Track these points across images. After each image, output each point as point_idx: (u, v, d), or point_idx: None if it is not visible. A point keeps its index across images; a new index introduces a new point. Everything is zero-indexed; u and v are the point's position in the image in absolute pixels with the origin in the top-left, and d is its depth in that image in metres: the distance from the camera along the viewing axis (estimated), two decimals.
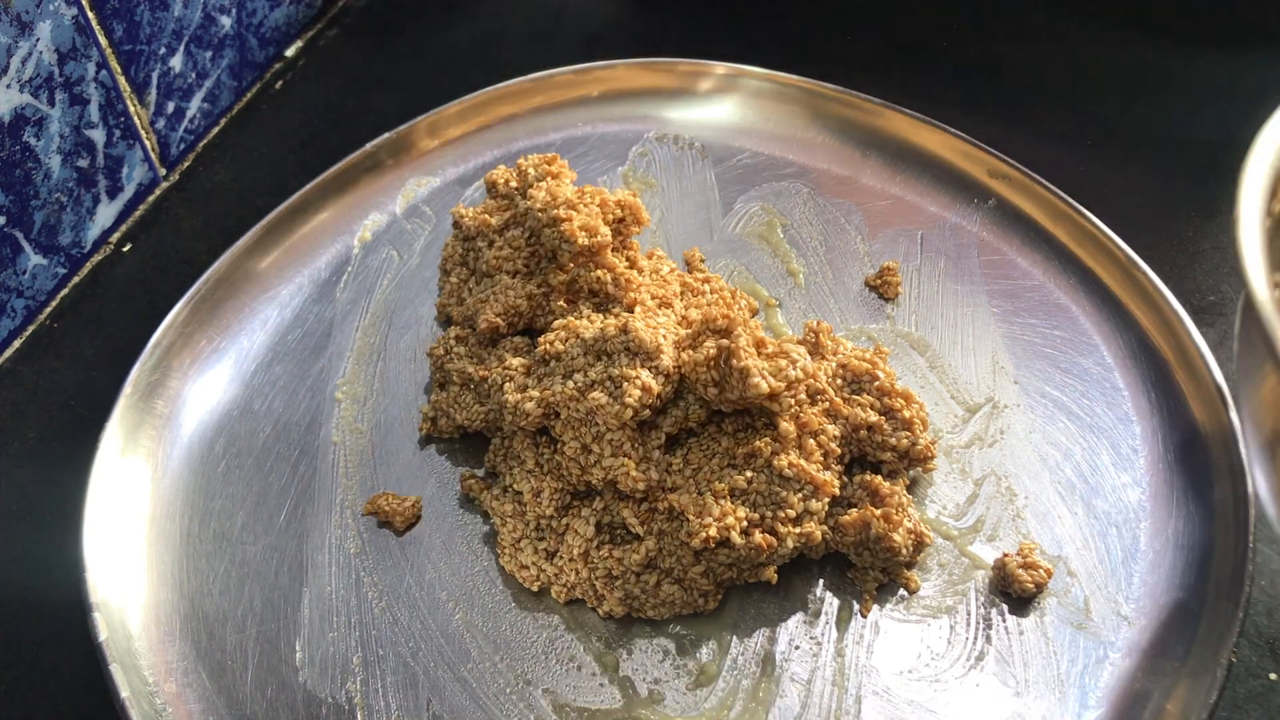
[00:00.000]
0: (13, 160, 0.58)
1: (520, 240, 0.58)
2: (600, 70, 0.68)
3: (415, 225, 0.64)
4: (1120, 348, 0.55)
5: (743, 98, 0.67)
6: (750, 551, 0.47)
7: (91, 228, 0.65)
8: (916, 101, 0.64)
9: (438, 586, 0.50)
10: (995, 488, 0.52)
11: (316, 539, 0.52)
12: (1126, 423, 0.53)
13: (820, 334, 0.53)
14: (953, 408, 0.54)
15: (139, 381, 0.56)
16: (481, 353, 0.56)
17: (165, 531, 0.52)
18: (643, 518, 0.49)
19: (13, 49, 0.56)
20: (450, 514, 0.53)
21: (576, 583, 0.49)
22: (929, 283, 0.59)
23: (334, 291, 0.61)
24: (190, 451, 0.55)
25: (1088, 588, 0.48)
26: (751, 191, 0.64)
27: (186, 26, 0.67)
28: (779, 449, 0.48)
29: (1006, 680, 0.46)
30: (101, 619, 0.48)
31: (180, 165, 0.71)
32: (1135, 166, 0.66)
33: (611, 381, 0.49)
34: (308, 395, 0.57)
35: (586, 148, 0.67)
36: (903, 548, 0.47)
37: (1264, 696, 0.47)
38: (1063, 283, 0.58)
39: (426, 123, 0.67)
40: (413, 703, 0.47)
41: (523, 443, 0.52)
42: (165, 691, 0.48)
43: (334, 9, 0.80)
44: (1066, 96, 0.69)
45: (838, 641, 0.48)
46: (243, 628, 0.50)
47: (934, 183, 0.62)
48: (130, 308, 0.64)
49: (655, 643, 0.48)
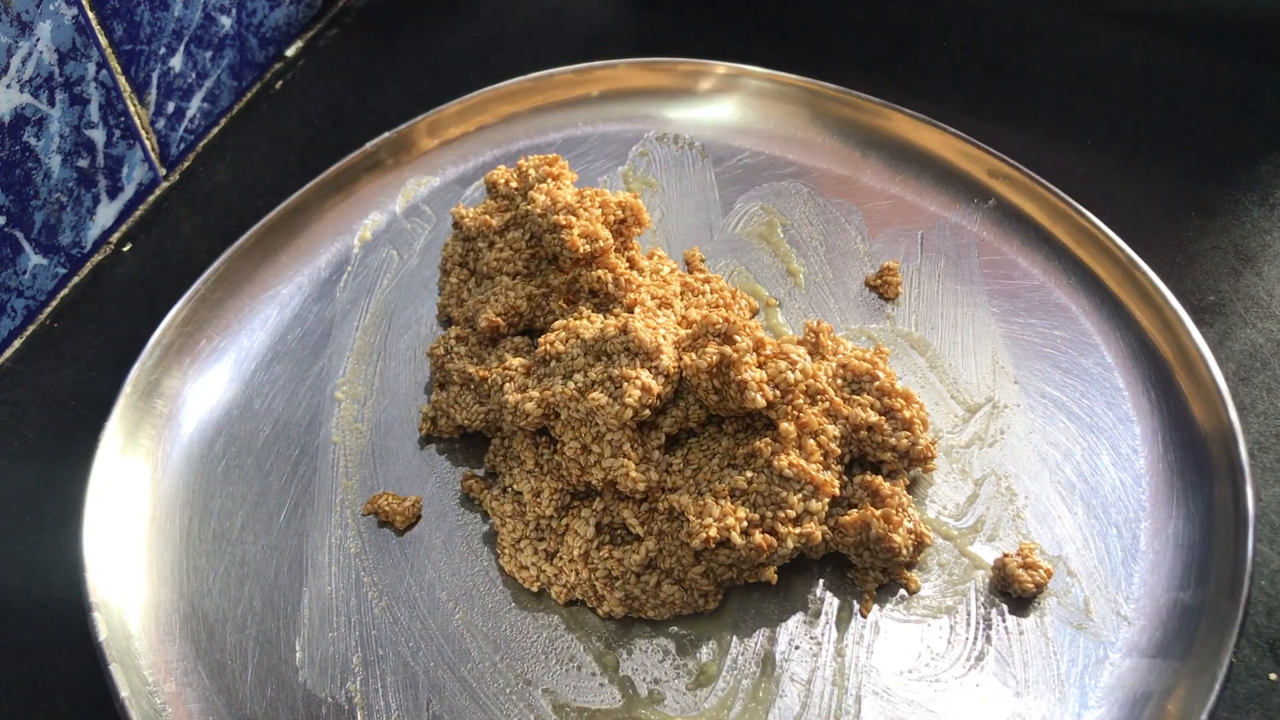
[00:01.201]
0: (13, 160, 0.58)
1: (521, 242, 0.58)
2: (600, 70, 0.68)
3: (415, 225, 0.64)
4: (1120, 348, 0.55)
5: (743, 98, 0.67)
6: (750, 552, 0.47)
7: (91, 228, 0.65)
8: (916, 101, 0.64)
9: (438, 586, 0.50)
10: (995, 488, 0.52)
11: (316, 539, 0.52)
12: (1126, 423, 0.53)
13: (820, 334, 0.53)
14: (953, 408, 0.54)
15: (139, 381, 0.56)
16: (481, 353, 0.56)
17: (165, 531, 0.52)
18: (643, 518, 0.49)
19: (13, 49, 0.56)
20: (450, 514, 0.53)
21: (576, 583, 0.49)
22: (929, 283, 0.59)
23: (334, 291, 0.61)
24: (190, 451, 0.55)
25: (1088, 588, 0.48)
26: (751, 191, 0.64)
27: (186, 26, 0.67)
28: (779, 449, 0.48)
29: (1006, 680, 0.46)
30: (101, 618, 0.48)
31: (180, 165, 0.71)
32: (1135, 166, 0.66)
33: (611, 382, 0.49)
34: (308, 395, 0.57)
35: (586, 147, 0.67)
36: (903, 548, 0.47)
37: (1264, 696, 0.47)
38: (1063, 283, 0.58)
39: (426, 122, 0.67)
40: (413, 702, 0.47)
41: (522, 443, 0.52)
42: (165, 691, 0.48)
43: (334, 9, 0.80)
44: (1066, 96, 0.69)
45: (838, 641, 0.48)
46: (242, 627, 0.50)
47: (934, 183, 0.62)
48: (130, 308, 0.64)
49: (655, 643, 0.48)
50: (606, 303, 0.55)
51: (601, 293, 0.55)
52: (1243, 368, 0.56)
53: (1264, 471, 0.53)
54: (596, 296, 0.56)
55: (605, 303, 0.55)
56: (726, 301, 0.57)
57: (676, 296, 0.57)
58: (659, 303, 0.56)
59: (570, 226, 0.54)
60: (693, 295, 0.57)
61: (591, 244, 0.54)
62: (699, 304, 0.57)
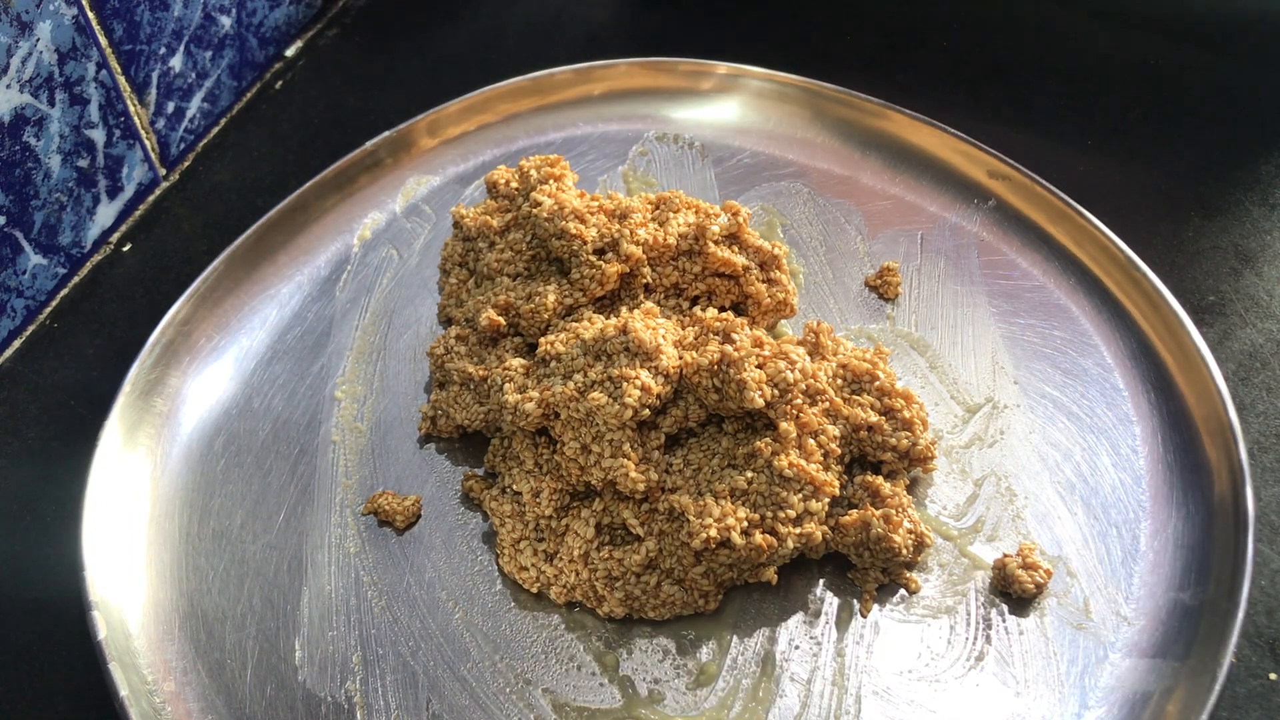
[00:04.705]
0: (13, 160, 0.58)
1: (522, 243, 0.58)
2: (600, 70, 0.68)
3: (415, 224, 0.64)
4: (1120, 348, 0.55)
5: (743, 98, 0.67)
6: (750, 552, 0.47)
7: (91, 228, 0.65)
8: (916, 101, 0.64)
9: (437, 586, 0.50)
10: (995, 488, 0.51)
11: (316, 538, 0.52)
12: (1126, 423, 0.53)
13: (820, 334, 0.53)
14: (953, 408, 0.54)
15: (138, 379, 0.56)
16: (481, 352, 0.56)
17: (164, 530, 0.52)
18: (643, 518, 0.49)
19: (13, 49, 0.56)
20: (450, 513, 0.53)
21: (576, 584, 0.49)
22: (929, 283, 0.59)
23: (334, 290, 0.61)
24: (190, 449, 0.55)
25: (1088, 588, 0.48)
26: (751, 191, 0.64)
27: (186, 26, 0.67)
28: (779, 449, 0.48)
29: (1006, 680, 0.46)
30: (100, 617, 0.48)
31: (180, 165, 0.71)
32: (1135, 166, 0.66)
33: (611, 382, 0.49)
34: (307, 394, 0.57)
35: (586, 147, 0.67)
36: (903, 548, 0.47)
37: (1264, 696, 0.47)
38: (1063, 283, 0.58)
39: (426, 121, 0.67)
40: (412, 702, 0.47)
41: (522, 443, 0.52)
42: (164, 690, 0.48)
43: (334, 9, 0.80)
44: (1066, 96, 0.69)
45: (838, 641, 0.48)
46: (242, 626, 0.50)
47: (934, 183, 0.62)
48: (130, 307, 0.64)
49: (655, 642, 0.48)
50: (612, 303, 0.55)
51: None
52: (1243, 368, 0.56)
53: (1264, 471, 0.53)
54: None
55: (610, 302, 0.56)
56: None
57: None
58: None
59: (611, 266, 0.54)
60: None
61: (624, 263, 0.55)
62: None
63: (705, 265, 0.56)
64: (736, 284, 0.56)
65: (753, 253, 0.56)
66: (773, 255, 0.56)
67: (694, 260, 0.56)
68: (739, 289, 0.56)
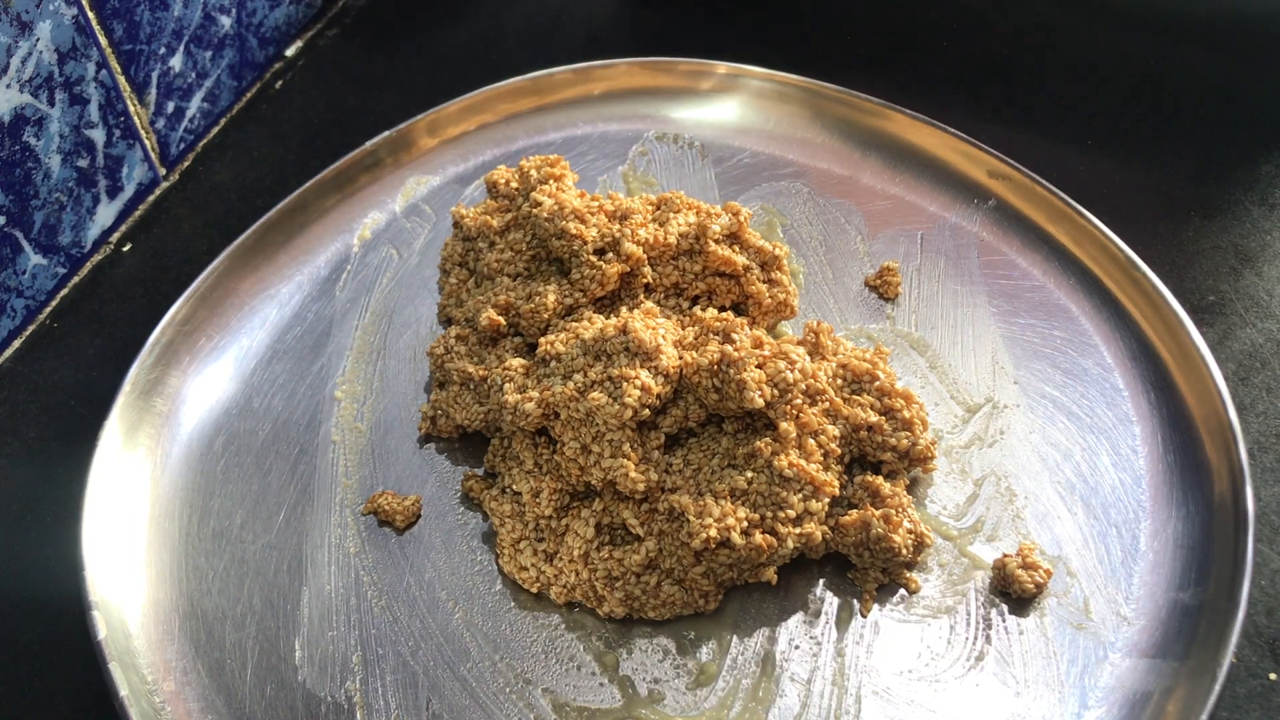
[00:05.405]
0: (13, 160, 0.58)
1: (522, 243, 0.58)
2: (600, 70, 0.68)
3: (415, 224, 0.64)
4: (1120, 348, 0.55)
5: (743, 97, 0.67)
6: (750, 552, 0.47)
7: (91, 227, 0.65)
8: (916, 101, 0.64)
9: (437, 585, 0.50)
10: (995, 488, 0.51)
11: (316, 538, 0.52)
12: (1126, 423, 0.53)
13: (820, 334, 0.53)
14: (953, 408, 0.54)
15: (138, 379, 0.56)
16: (481, 352, 0.56)
17: (164, 530, 0.52)
18: (643, 518, 0.49)
19: (13, 49, 0.56)
20: (450, 513, 0.53)
21: (576, 584, 0.49)
22: (929, 283, 0.59)
23: (334, 290, 0.61)
24: (190, 449, 0.55)
25: (1087, 588, 0.48)
26: (751, 191, 0.64)
27: (186, 26, 0.67)
28: (779, 449, 0.48)
29: (1006, 680, 0.46)
30: (100, 617, 0.48)
31: (180, 165, 0.71)
32: (1135, 166, 0.66)
33: (611, 382, 0.49)
34: (307, 394, 0.57)
35: (586, 147, 0.67)
36: (903, 548, 0.47)
37: (1264, 696, 0.47)
38: (1063, 283, 0.58)
39: (426, 121, 0.67)
40: (412, 702, 0.47)
41: (522, 443, 0.52)
42: (164, 690, 0.48)
43: (334, 9, 0.80)
44: (1066, 96, 0.69)
45: (838, 641, 0.48)
46: (242, 626, 0.50)
47: (934, 183, 0.62)
48: (130, 307, 0.64)
49: (655, 642, 0.48)
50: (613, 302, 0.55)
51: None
52: (1242, 368, 0.56)
53: (1264, 471, 0.53)
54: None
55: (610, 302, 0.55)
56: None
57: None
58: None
59: (611, 265, 0.54)
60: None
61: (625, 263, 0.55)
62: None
63: (705, 265, 0.56)
64: (737, 284, 0.56)
65: (753, 253, 0.56)
66: (773, 255, 0.56)
67: (694, 260, 0.56)
68: (739, 289, 0.56)
